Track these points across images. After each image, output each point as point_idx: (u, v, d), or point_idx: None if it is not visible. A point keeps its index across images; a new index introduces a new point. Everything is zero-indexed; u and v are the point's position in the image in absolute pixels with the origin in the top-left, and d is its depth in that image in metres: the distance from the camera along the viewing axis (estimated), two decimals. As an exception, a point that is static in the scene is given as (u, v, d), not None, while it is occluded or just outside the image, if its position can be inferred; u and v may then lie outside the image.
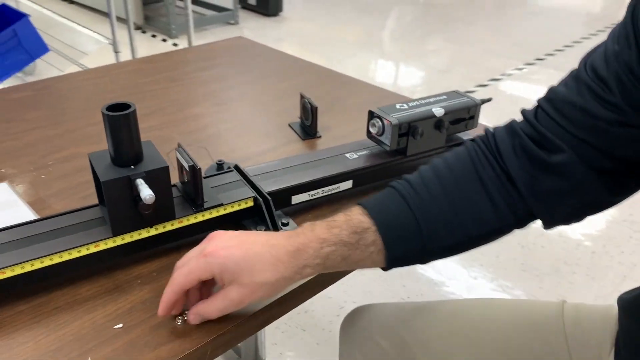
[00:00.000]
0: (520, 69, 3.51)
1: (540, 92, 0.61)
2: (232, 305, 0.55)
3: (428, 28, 4.42)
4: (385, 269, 0.62)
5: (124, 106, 0.58)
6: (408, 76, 3.51)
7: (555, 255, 1.86)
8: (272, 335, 1.52)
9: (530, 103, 0.62)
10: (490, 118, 0.81)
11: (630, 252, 1.87)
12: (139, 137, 0.59)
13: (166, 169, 0.60)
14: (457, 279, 1.76)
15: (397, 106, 0.79)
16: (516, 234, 2.01)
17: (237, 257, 0.54)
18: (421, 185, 0.61)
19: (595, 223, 2.04)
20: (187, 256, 0.57)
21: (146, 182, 0.58)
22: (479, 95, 3.21)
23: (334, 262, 0.57)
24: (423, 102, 0.81)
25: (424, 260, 0.63)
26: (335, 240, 0.56)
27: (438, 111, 0.78)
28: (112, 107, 0.58)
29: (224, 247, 0.55)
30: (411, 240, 0.59)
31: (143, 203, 0.57)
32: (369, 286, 1.70)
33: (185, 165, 0.64)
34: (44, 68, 2.72)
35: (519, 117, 0.62)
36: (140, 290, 0.61)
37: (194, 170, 0.62)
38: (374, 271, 0.67)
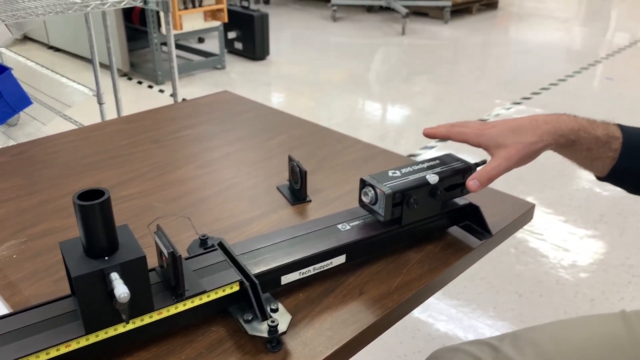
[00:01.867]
0: (507, 109, 3.53)
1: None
2: (504, 162, 0.71)
3: (413, 69, 4.46)
4: (600, 178, 0.80)
5: (97, 193, 0.54)
6: (395, 118, 3.51)
7: (555, 304, 1.81)
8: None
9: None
10: (479, 160, 0.80)
11: (630, 299, 1.82)
12: (113, 226, 0.55)
13: (143, 260, 0.55)
14: (455, 332, 1.70)
15: (390, 173, 0.76)
16: (513, 282, 1.95)
17: (503, 128, 0.73)
18: None
19: (592, 268, 2.00)
20: (467, 123, 0.77)
21: (122, 275, 0.54)
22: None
23: (581, 147, 0.74)
24: (416, 167, 0.77)
25: (629, 182, 0.78)
26: (591, 132, 0.73)
27: (432, 178, 0.74)
28: (84, 195, 0.54)
29: (493, 125, 0.74)
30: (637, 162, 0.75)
31: (117, 301, 0.52)
32: (363, 342, 1.63)
33: (165, 251, 0.59)
34: (28, 120, 2.68)
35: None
36: (116, 393, 0.55)
37: (174, 258, 0.58)
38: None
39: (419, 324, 1.72)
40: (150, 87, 3.93)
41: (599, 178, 0.81)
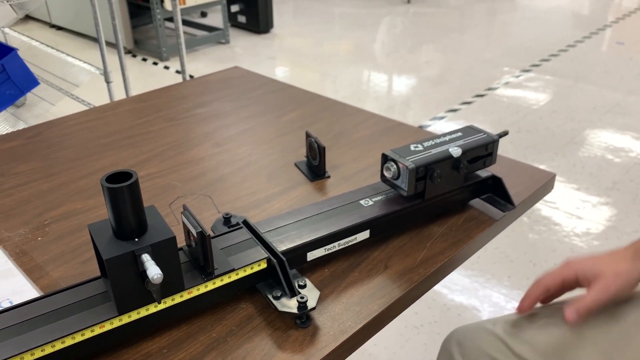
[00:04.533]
0: (516, 77, 3.48)
1: (539, 99, 0.60)
2: (604, 293, 0.70)
3: (419, 39, 4.40)
4: None
5: (125, 175, 0.54)
6: (402, 89, 3.48)
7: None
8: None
9: (530, 111, 0.60)
10: (491, 130, 0.77)
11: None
12: (142, 207, 0.55)
13: (173, 240, 0.55)
14: (470, 302, 1.71)
15: (412, 147, 0.75)
16: (527, 251, 1.94)
17: (590, 262, 0.73)
18: None
19: (606, 236, 2.00)
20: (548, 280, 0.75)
21: (153, 256, 0.54)
22: (477, 106, 3.19)
23: None
24: (438, 141, 0.77)
25: None
26: None
27: (455, 151, 0.74)
28: (112, 177, 0.53)
29: (577, 260, 0.74)
30: None
31: (150, 282, 0.52)
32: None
33: (193, 231, 0.59)
34: (36, 100, 2.67)
35: (518, 127, 0.60)
36: (150, 371, 0.56)
37: (203, 237, 0.58)
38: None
39: (434, 294, 1.73)
40: (155, 63, 3.90)
41: None
